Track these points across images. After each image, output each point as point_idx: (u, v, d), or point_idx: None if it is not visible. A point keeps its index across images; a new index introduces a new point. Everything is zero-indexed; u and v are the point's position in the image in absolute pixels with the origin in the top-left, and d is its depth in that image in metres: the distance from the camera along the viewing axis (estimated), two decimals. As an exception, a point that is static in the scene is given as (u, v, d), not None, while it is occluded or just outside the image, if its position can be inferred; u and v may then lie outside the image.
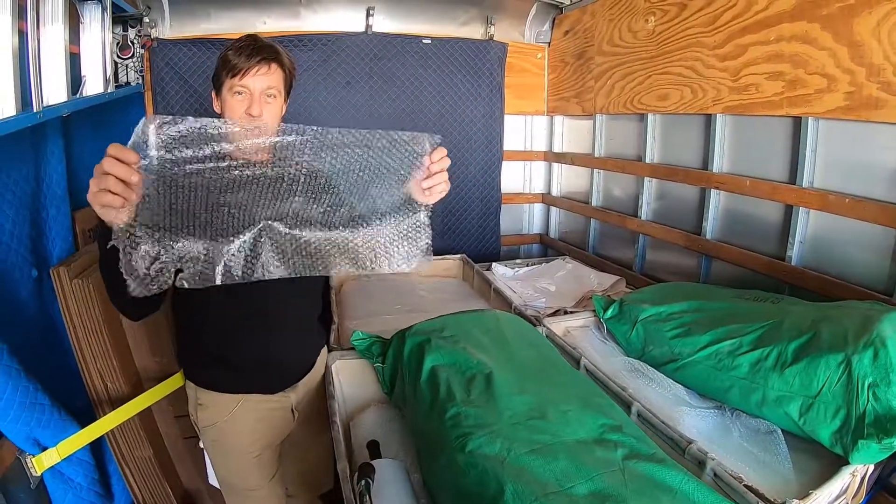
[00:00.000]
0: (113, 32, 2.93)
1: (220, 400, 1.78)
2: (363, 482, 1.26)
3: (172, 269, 1.24)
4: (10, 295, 1.83)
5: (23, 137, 1.86)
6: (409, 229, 1.46)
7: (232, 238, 1.30)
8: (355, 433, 1.78)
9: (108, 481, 2.17)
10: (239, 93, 1.56)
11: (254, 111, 1.55)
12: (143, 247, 1.19)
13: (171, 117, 1.11)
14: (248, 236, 1.32)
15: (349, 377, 2.02)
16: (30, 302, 1.93)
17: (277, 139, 1.22)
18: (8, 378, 1.56)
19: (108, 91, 2.80)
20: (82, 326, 2.08)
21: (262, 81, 1.56)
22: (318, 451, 2.05)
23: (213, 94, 1.65)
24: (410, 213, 1.46)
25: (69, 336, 2.07)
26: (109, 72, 2.84)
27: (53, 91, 2.20)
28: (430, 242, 1.48)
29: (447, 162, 1.41)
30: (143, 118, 1.10)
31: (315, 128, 1.24)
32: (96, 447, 2.04)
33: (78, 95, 2.53)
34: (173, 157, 1.14)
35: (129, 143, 1.10)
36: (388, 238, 1.46)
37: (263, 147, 1.22)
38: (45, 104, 1.97)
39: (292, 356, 1.89)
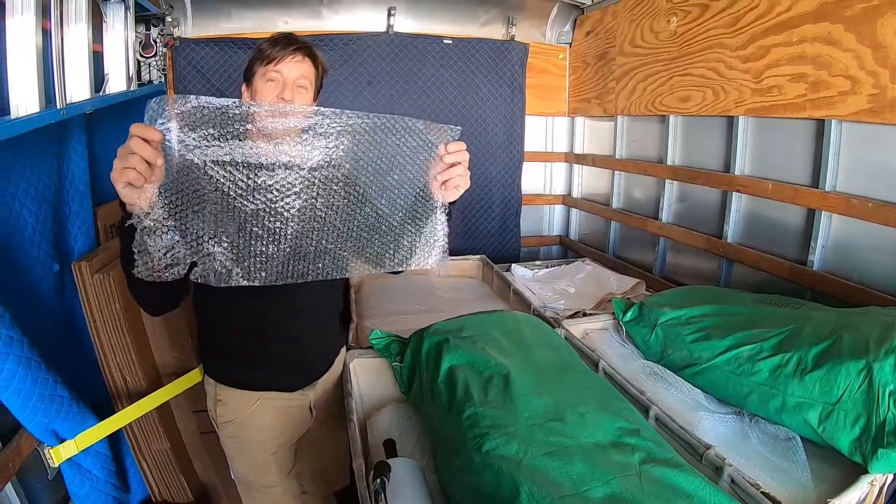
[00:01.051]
0: (136, 31, 2.96)
1: (239, 396, 1.79)
2: (378, 480, 1.26)
3: (188, 262, 1.23)
4: (32, 288, 1.85)
5: (46, 134, 1.88)
6: (428, 227, 1.44)
7: (252, 240, 1.28)
8: (372, 432, 1.78)
9: (125, 474, 2.19)
10: (272, 79, 1.56)
11: (286, 96, 1.55)
12: (160, 232, 1.17)
13: (191, 97, 1.09)
14: (269, 239, 1.29)
15: (367, 375, 2.03)
16: (51, 296, 1.96)
17: (298, 121, 1.21)
18: (28, 370, 1.57)
19: (131, 89, 2.84)
20: (102, 321, 2.10)
21: (296, 69, 1.56)
22: (334, 448, 2.05)
23: (244, 87, 1.65)
24: (429, 211, 1.42)
25: (89, 330, 2.10)
26: (132, 70, 2.87)
27: (77, 89, 2.24)
28: (447, 241, 1.46)
29: (465, 155, 1.37)
30: (160, 96, 1.08)
31: (331, 110, 1.23)
32: (114, 440, 2.06)
33: (101, 93, 2.57)
34: (193, 139, 1.13)
35: (146, 118, 1.08)
36: (407, 237, 1.44)
37: (285, 130, 1.21)
38: (68, 101, 2.01)
39: (314, 354, 1.90)
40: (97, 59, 2.55)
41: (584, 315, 2.60)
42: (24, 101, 1.80)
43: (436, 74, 3.77)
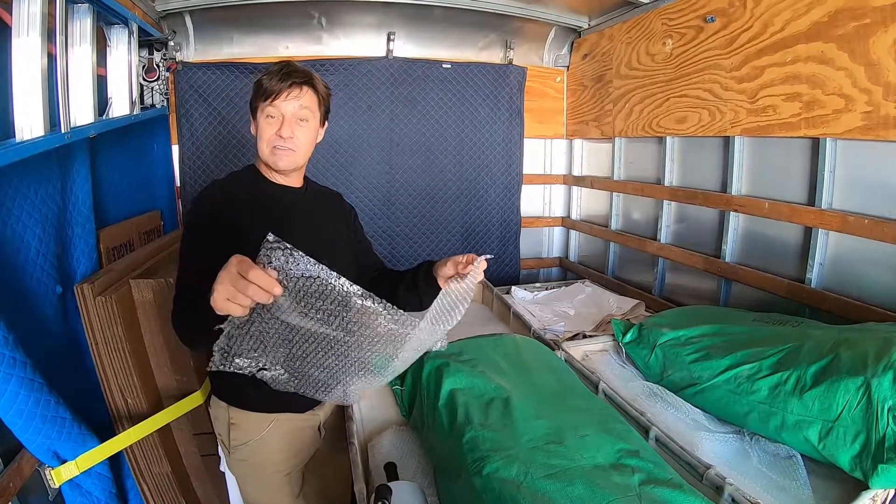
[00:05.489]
0: (139, 55, 2.99)
1: (253, 419, 1.78)
2: (380, 504, 1.27)
3: (258, 366, 1.33)
4: (35, 310, 1.85)
5: (50, 157, 1.90)
6: (437, 314, 1.51)
7: (309, 364, 1.38)
8: (373, 455, 1.78)
9: (125, 496, 2.18)
10: (271, 115, 1.59)
11: (283, 133, 1.58)
12: (240, 340, 1.24)
13: (293, 252, 1.10)
14: (319, 357, 1.38)
15: (368, 399, 2.03)
16: (53, 318, 1.96)
17: (384, 314, 1.24)
18: (30, 391, 1.57)
19: (134, 113, 2.86)
20: (104, 343, 2.10)
21: (294, 104, 1.59)
22: (339, 467, 2.04)
23: (252, 119, 1.68)
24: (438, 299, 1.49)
25: (91, 352, 2.09)
26: (135, 94, 2.89)
27: (81, 112, 2.25)
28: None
29: (481, 276, 1.46)
30: (279, 244, 1.09)
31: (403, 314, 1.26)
32: (115, 462, 2.05)
33: (104, 117, 2.59)
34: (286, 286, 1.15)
35: (262, 260, 1.09)
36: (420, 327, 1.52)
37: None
38: (72, 125, 2.02)
39: None
40: (101, 83, 2.57)
41: (584, 337, 2.60)
42: (29, 124, 1.81)
43: (435, 98, 3.80)
